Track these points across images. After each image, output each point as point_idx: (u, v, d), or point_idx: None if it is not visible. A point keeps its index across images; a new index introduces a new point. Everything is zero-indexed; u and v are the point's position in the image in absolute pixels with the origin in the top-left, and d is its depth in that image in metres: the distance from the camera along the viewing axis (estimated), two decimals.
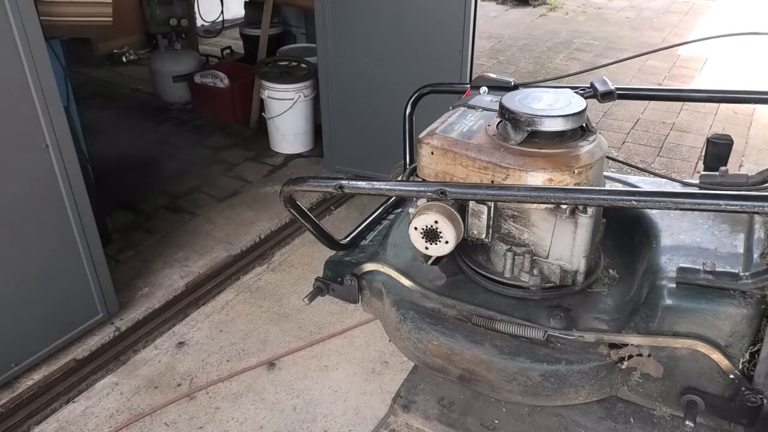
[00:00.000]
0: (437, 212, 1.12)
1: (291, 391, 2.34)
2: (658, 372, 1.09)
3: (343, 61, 3.46)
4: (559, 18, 8.10)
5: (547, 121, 1.12)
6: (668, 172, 3.96)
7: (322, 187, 1.31)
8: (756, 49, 6.03)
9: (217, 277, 2.87)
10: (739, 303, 1.02)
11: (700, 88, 4.66)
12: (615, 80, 1.31)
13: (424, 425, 1.37)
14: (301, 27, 4.71)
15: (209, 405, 2.29)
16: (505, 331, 1.16)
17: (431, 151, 1.19)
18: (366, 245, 1.39)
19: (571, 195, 1.05)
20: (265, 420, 2.23)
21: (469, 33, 3.16)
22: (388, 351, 2.49)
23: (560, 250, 1.16)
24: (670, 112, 5.00)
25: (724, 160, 1.29)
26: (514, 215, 1.17)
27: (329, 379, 2.40)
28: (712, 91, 1.55)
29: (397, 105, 1.57)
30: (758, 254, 1.13)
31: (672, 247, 1.19)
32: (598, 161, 1.14)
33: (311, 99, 4.00)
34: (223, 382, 2.38)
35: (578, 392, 1.12)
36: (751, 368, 1.03)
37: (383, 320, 1.31)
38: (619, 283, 1.26)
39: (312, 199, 3.40)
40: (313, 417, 2.24)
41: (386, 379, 2.37)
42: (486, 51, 6.48)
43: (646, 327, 1.08)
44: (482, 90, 1.40)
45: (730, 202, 0.93)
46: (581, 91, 1.30)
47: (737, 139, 3.29)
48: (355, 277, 1.29)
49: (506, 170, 1.11)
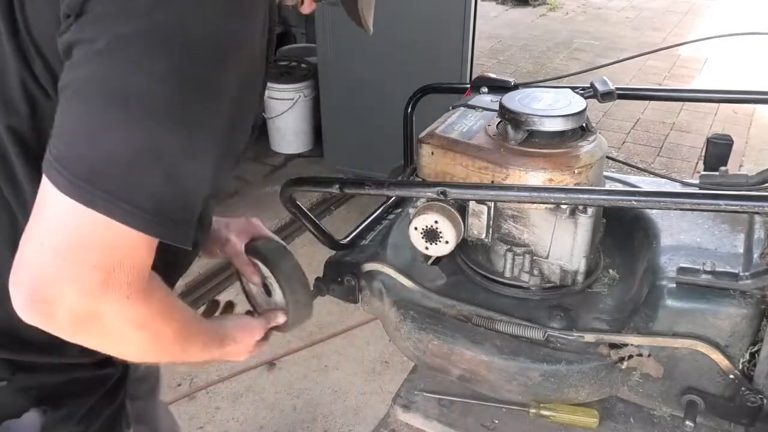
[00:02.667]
0: (437, 212, 1.12)
1: (291, 391, 2.34)
2: (658, 372, 1.09)
3: (343, 61, 3.46)
4: (559, 18, 8.11)
5: (547, 121, 1.12)
6: (668, 172, 3.96)
7: (322, 187, 1.31)
8: (756, 49, 6.03)
9: (217, 277, 2.87)
10: (739, 303, 1.02)
11: (700, 88, 4.67)
12: (615, 80, 1.31)
13: (424, 425, 1.37)
14: (301, 27, 4.71)
15: (209, 405, 2.29)
16: (505, 331, 1.16)
17: (431, 151, 1.20)
18: (366, 245, 1.39)
19: (571, 195, 1.05)
20: (265, 420, 2.23)
21: (469, 33, 3.17)
22: (388, 351, 2.49)
23: (560, 250, 1.16)
24: (670, 112, 5.00)
25: (724, 160, 1.29)
26: (514, 215, 1.17)
27: (329, 379, 2.40)
28: (712, 91, 1.55)
29: (397, 105, 1.57)
30: (758, 254, 1.13)
31: (672, 247, 1.19)
32: (598, 161, 1.14)
33: (311, 99, 4.00)
34: (223, 382, 2.38)
35: (578, 392, 1.12)
36: (751, 368, 1.03)
37: (383, 320, 1.31)
38: (619, 283, 1.26)
39: (312, 199, 3.40)
40: (313, 417, 2.24)
41: (386, 379, 2.37)
42: (486, 51, 6.48)
43: (646, 327, 1.08)
44: (482, 90, 1.40)
45: (730, 202, 0.93)
46: (581, 91, 1.30)
47: (737, 139, 3.29)
48: (355, 277, 1.29)
49: (506, 170, 1.11)
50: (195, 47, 0.68)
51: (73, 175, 0.65)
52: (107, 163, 0.67)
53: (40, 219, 0.68)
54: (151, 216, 0.69)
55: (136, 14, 0.66)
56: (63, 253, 0.67)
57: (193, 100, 0.69)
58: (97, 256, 0.68)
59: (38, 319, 0.70)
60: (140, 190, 0.68)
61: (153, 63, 0.67)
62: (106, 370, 0.96)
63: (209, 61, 0.69)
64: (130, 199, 0.67)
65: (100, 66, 0.67)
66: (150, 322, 0.77)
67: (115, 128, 0.67)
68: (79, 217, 0.66)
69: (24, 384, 0.87)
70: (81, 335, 0.73)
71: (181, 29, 0.67)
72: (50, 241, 0.67)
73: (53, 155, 0.67)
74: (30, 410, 0.87)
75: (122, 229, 0.67)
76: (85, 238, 0.67)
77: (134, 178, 0.68)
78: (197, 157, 0.72)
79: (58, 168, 0.66)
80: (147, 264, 0.72)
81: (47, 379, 0.89)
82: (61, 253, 0.67)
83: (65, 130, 0.68)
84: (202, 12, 0.69)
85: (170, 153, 0.69)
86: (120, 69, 0.67)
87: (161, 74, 0.67)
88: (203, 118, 0.71)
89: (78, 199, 0.66)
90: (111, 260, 0.68)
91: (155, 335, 0.80)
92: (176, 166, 0.70)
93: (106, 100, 0.67)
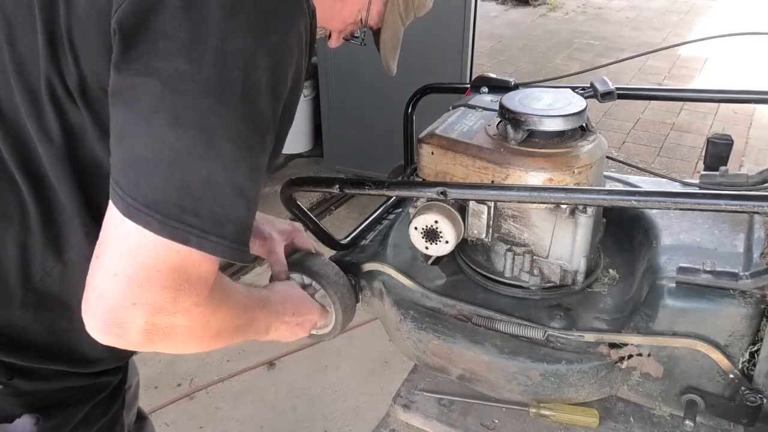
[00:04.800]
0: (437, 212, 1.12)
1: (291, 391, 2.34)
2: (658, 372, 1.09)
3: (343, 61, 3.46)
4: (559, 18, 8.11)
5: (547, 121, 1.12)
6: (668, 172, 3.96)
7: (322, 187, 1.31)
8: (756, 49, 6.03)
9: None
10: (739, 303, 1.02)
11: (700, 88, 4.67)
12: (615, 80, 1.31)
13: (424, 425, 1.37)
14: None
15: (209, 405, 2.29)
16: (505, 331, 1.16)
17: (431, 151, 1.20)
18: (366, 245, 1.39)
19: (571, 195, 1.05)
20: (265, 420, 2.23)
21: (469, 33, 3.17)
22: (388, 351, 2.49)
23: (560, 249, 1.16)
24: (670, 112, 5.00)
25: (724, 160, 1.29)
26: (514, 215, 1.17)
27: (329, 379, 2.40)
28: (712, 91, 1.54)
29: (397, 105, 1.57)
30: (758, 254, 1.13)
31: (672, 247, 1.19)
32: (598, 161, 1.14)
33: (311, 99, 4.00)
34: (223, 382, 2.38)
35: (578, 392, 1.13)
36: (750, 368, 1.03)
37: (383, 320, 1.32)
38: (619, 283, 1.26)
39: (312, 199, 3.40)
40: (313, 417, 2.24)
41: (386, 379, 2.37)
42: (486, 51, 6.48)
43: (646, 327, 1.08)
44: (482, 90, 1.40)
45: (730, 202, 0.93)
46: (581, 91, 1.30)
47: (737, 139, 3.29)
48: (355, 276, 1.29)
49: (506, 170, 1.11)
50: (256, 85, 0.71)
51: (160, 213, 0.67)
52: (193, 198, 0.69)
53: (111, 249, 0.70)
54: (233, 243, 0.72)
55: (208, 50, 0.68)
56: (137, 280, 0.69)
57: (255, 130, 0.72)
58: (167, 278, 0.70)
59: (112, 339, 0.72)
60: (227, 223, 0.71)
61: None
62: (105, 378, 0.96)
63: (266, 96, 0.72)
64: (218, 233, 0.70)
65: (170, 94, 0.67)
66: (214, 317, 0.80)
67: (199, 161, 0.69)
68: (157, 247, 0.68)
69: (20, 389, 0.86)
70: (159, 344, 0.75)
71: (245, 72, 0.69)
72: (124, 272, 0.69)
73: (124, 188, 0.68)
74: (23, 416, 0.87)
75: (200, 255, 0.71)
76: (160, 265, 0.69)
77: (222, 211, 0.71)
78: (258, 182, 0.76)
79: (134, 204, 0.67)
80: (213, 272, 0.75)
81: (43, 386, 0.88)
82: (136, 281, 0.69)
83: (136, 157, 0.68)
84: (264, 51, 0.71)
85: (248, 185, 0.73)
86: (193, 102, 0.68)
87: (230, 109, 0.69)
88: (264, 147, 0.75)
89: (169, 237, 0.68)
90: (180, 279, 0.71)
91: (219, 327, 0.82)
92: (254, 195, 0.75)
93: (180, 129, 0.68)
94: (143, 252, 0.68)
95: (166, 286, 0.70)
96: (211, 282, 0.75)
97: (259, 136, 0.73)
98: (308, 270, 1.18)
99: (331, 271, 1.19)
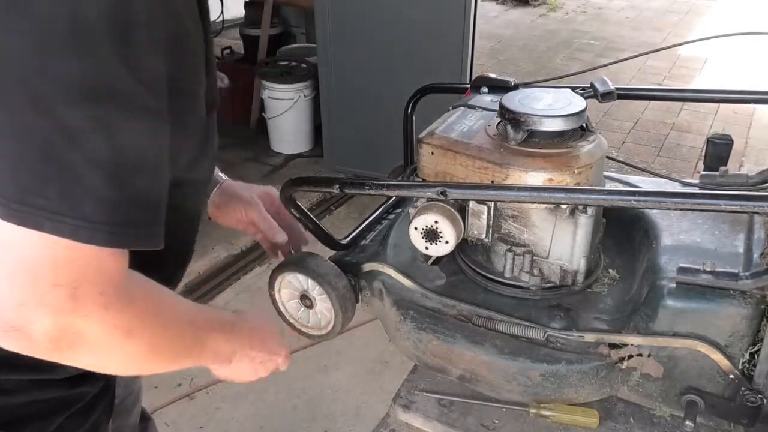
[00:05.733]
0: (437, 212, 1.12)
1: (291, 391, 2.34)
2: (658, 372, 1.09)
3: (343, 61, 3.46)
4: (559, 18, 8.11)
5: (547, 121, 1.12)
6: (668, 172, 3.96)
7: (322, 187, 1.31)
8: (756, 49, 6.03)
9: (217, 277, 2.88)
10: (739, 303, 1.02)
11: (700, 88, 4.67)
12: (615, 80, 1.31)
13: (424, 425, 1.37)
14: (301, 27, 4.71)
15: (209, 405, 2.30)
16: (505, 331, 1.16)
17: (431, 151, 1.19)
18: (366, 245, 1.39)
19: (571, 195, 1.05)
20: (265, 420, 2.23)
21: (469, 33, 3.17)
22: (388, 351, 2.49)
23: (560, 249, 1.16)
24: (670, 112, 5.01)
25: (724, 160, 1.29)
26: (514, 215, 1.17)
27: (329, 379, 2.40)
28: (712, 91, 1.54)
29: (397, 105, 1.57)
30: (758, 254, 1.13)
31: (672, 247, 1.19)
32: (598, 161, 1.14)
33: (311, 99, 4.00)
34: (223, 382, 2.38)
35: (578, 392, 1.12)
36: (751, 368, 1.03)
37: (383, 320, 1.31)
38: (619, 283, 1.26)
39: (312, 199, 3.40)
40: (313, 417, 2.24)
41: (386, 379, 2.37)
42: (486, 51, 6.48)
43: (646, 327, 1.08)
44: (482, 90, 1.39)
45: (730, 202, 0.93)
46: (581, 91, 1.30)
47: (737, 139, 3.29)
48: (355, 277, 1.29)
49: (506, 170, 1.11)
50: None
51: (3, 197, 0.60)
52: (34, 176, 0.60)
53: None
54: (106, 226, 0.63)
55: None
56: (18, 278, 0.63)
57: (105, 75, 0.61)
58: (55, 274, 0.63)
59: (16, 344, 0.66)
60: (87, 201, 0.62)
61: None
62: (80, 388, 0.88)
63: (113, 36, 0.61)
64: (75, 214, 0.62)
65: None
66: (139, 325, 0.72)
67: (30, 131, 0.60)
68: (23, 239, 0.61)
69: None
70: (68, 353, 0.68)
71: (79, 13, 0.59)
72: (2, 271, 0.63)
73: None
74: None
75: (75, 245, 0.63)
76: (37, 259, 0.63)
77: (78, 187, 0.62)
78: (136, 148, 0.65)
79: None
80: (118, 268, 0.68)
81: (8, 400, 0.82)
82: (17, 279, 0.63)
83: None
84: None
85: (108, 154, 0.63)
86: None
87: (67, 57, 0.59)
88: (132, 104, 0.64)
89: (17, 223, 0.60)
90: (72, 275, 0.64)
91: (150, 338, 0.75)
92: (122, 165, 0.64)
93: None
94: (7, 246, 0.62)
95: (58, 283, 0.63)
96: (117, 279, 0.67)
97: (113, 91, 0.61)
98: (307, 270, 1.18)
99: (330, 271, 1.19)
